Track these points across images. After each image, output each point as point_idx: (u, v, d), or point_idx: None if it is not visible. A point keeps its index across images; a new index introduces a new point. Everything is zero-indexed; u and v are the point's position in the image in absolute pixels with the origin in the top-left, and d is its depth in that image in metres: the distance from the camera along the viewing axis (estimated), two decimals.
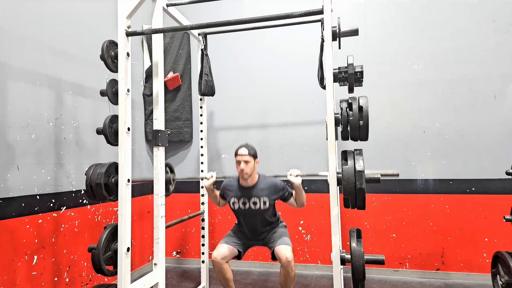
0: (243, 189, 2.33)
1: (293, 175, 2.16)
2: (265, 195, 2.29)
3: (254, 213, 2.31)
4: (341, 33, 1.74)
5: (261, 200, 2.28)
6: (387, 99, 3.13)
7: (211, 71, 2.77)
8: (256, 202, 2.29)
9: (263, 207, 2.28)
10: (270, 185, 2.32)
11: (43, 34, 2.32)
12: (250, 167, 2.25)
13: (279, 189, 2.32)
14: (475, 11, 2.97)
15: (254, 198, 2.29)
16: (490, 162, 2.88)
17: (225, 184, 2.46)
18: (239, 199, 2.32)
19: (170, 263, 3.60)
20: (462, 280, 2.90)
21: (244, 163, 2.23)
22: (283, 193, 2.32)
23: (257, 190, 2.30)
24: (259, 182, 2.33)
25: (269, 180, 2.35)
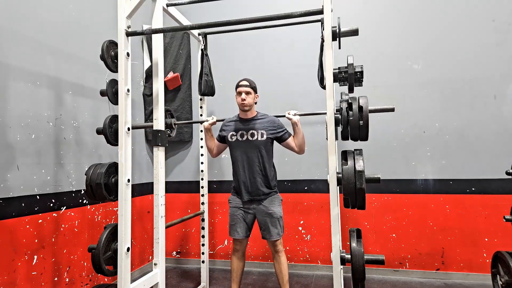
0: (242, 121, 2.39)
1: (291, 113, 2.27)
2: (263, 128, 2.33)
3: (251, 144, 2.31)
4: (341, 33, 1.74)
5: (259, 132, 2.32)
6: (387, 99, 3.12)
7: (211, 71, 2.77)
8: (253, 134, 2.32)
9: (260, 139, 2.31)
10: (269, 120, 2.38)
11: (43, 34, 2.32)
12: (251, 98, 2.33)
13: (277, 125, 2.36)
14: (475, 11, 2.97)
15: (252, 130, 2.33)
16: (490, 162, 2.88)
17: (224, 122, 2.50)
18: (237, 132, 2.37)
19: (170, 263, 3.60)
20: (462, 280, 2.91)
21: (245, 94, 2.31)
22: (281, 130, 2.35)
23: (255, 123, 2.36)
24: (258, 116, 2.40)
25: (268, 116, 2.41)
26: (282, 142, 2.37)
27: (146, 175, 3.50)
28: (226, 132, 2.42)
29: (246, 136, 2.33)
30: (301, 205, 3.29)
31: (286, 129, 2.37)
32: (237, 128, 2.38)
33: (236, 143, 2.36)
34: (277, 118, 2.41)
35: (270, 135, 2.33)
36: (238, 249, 2.41)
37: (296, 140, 2.31)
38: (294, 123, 2.25)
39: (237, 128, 2.38)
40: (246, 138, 2.33)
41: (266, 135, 2.31)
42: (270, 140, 2.34)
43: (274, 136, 2.35)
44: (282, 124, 2.38)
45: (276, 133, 2.34)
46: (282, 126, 2.37)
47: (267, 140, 2.32)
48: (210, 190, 2.97)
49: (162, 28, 2.01)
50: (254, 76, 3.45)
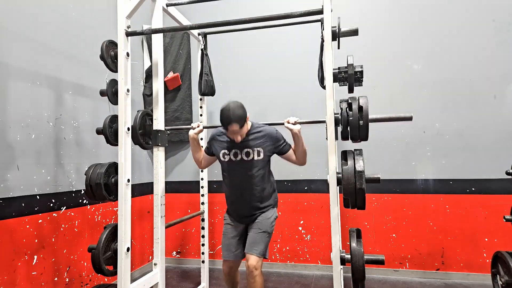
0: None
1: (291, 122, 1.93)
2: (260, 145, 2.00)
3: (246, 166, 2.01)
4: (341, 33, 1.74)
5: (255, 151, 1.99)
6: (387, 99, 3.12)
7: (211, 71, 2.77)
8: (249, 153, 2.00)
9: (257, 158, 1.99)
10: (265, 134, 2.02)
11: (43, 34, 2.32)
12: (243, 132, 1.95)
13: (275, 138, 2.03)
14: (475, 11, 2.97)
15: (247, 149, 2.00)
16: (490, 162, 2.88)
17: (215, 133, 2.13)
18: (230, 150, 2.03)
19: (170, 263, 3.60)
20: (462, 280, 2.90)
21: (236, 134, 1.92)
22: (280, 143, 2.04)
23: (250, 140, 2.01)
24: (253, 131, 2.03)
25: (264, 129, 2.05)
26: (282, 155, 2.08)
27: (146, 175, 3.50)
28: (217, 149, 2.10)
29: (240, 156, 2.01)
30: (301, 205, 3.29)
31: (285, 140, 2.07)
32: (230, 147, 2.04)
33: (230, 164, 2.05)
34: (274, 129, 2.07)
35: (268, 152, 2.03)
36: (227, 272, 2.10)
37: (297, 152, 2.02)
38: (295, 133, 1.94)
39: (229, 146, 2.04)
40: (241, 158, 2.01)
41: (263, 153, 2.00)
42: (268, 157, 2.05)
43: (272, 152, 2.06)
44: (280, 135, 2.06)
45: (275, 147, 2.04)
46: (281, 138, 2.05)
47: (264, 159, 2.02)
48: (210, 190, 2.96)
49: (162, 28, 2.01)
50: (254, 76, 3.48)
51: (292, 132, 1.95)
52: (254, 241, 2.01)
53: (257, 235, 2.02)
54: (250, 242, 2.02)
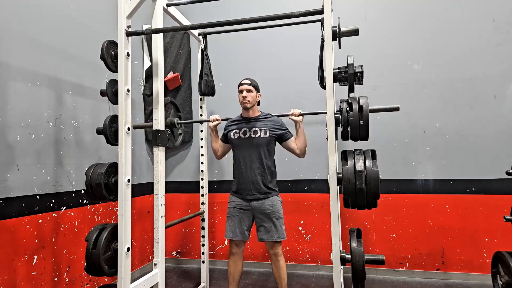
0: (245, 120, 2.41)
1: (295, 114, 2.24)
2: (267, 126, 2.35)
3: (253, 142, 2.32)
4: (341, 33, 1.74)
5: (262, 130, 2.33)
6: (387, 99, 3.12)
7: (211, 71, 2.77)
8: (256, 131, 2.33)
9: (263, 136, 2.31)
10: (272, 119, 2.39)
11: (43, 34, 2.31)
12: (252, 96, 2.34)
13: (280, 124, 2.38)
14: (475, 11, 2.97)
15: (255, 128, 2.34)
16: (490, 162, 2.88)
17: (227, 122, 2.51)
18: (240, 129, 2.38)
19: (170, 263, 3.60)
20: (462, 280, 2.90)
21: (246, 91, 2.32)
22: (283, 130, 2.37)
23: (258, 121, 2.38)
24: (261, 116, 2.42)
25: (271, 116, 2.43)
26: (284, 141, 2.38)
27: (146, 175, 3.50)
28: (229, 131, 2.43)
29: (249, 134, 2.34)
30: (301, 205, 3.29)
31: (289, 130, 2.39)
32: (240, 127, 2.39)
33: (239, 141, 2.36)
34: (280, 118, 2.43)
35: (272, 133, 2.34)
36: (234, 252, 2.36)
37: (298, 141, 2.32)
38: (298, 124, 2.26)
39: (239, 126, 2.39)
40: (249, 136, 2.34)
41: (269, 133, 2.32)
42: (273, 138, 2.35)
43: (277, 134, 2.35)
44: (284, 124, 2.40)
45: (279, 132, 2.35)
46: (285, 126, 2.39)
47: (270, 138, 2.32)
48: (210, 190, 2.97)
49: (162, 28, 2.01)
50: (254, 76, 3.46)
51: (295, 122, 2.27)
52: (271, 229, 2.28)
53: (272, 223, 2.28)
54: (267, 230, 2.28)
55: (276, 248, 2.28)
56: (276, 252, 2.28)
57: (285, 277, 2.30)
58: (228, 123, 2.49)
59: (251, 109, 2.37)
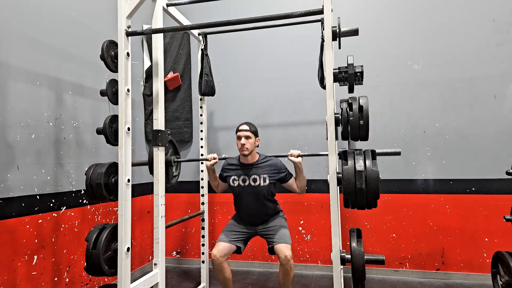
0: (244, 166, 2.36)
1: (294, 155, 2.18)
2: (265, 173, 2.31)
3: (254, 191, 2.31)
4: (341, 33, 1.74)
5: (261, 177, 2.30)
6: (387, 99, 3.13)
7: (211, 71, 2.77)
8: (256, 179, 2.30)
9: (263, 184, 2.30)
10: (270, 164, 2.35)
11: (43, 34, 2.31)
12: (251, 143, 2.28)
13: (279, 168, 2.35)
14: (475, 11, 2.97)
15: (254, 176, 2.31)
16: (490, 162, 2.88)
17: (225, 163, 2.48)
18: (239, 177, 2.34)
19: (170, 263, 3.60)
20: (462, 280, 2.90)
21: (244, 139, 2.26)
22: (283, 173, 2.35)
23: (257, 167, 2.33)
24: (260, 160, 2.36)
25: (269, 159, 2.38)
26: (284, 183, 2.38)
27: (146, 175, 3.49)
28: (227, 176, 2.41)
29: (248, 182, 2.32)
30: (301, 205, 3.29)
31: (288, 170, 2.38)
32: (239, 173, 2.35)
33: (238, 188, 2.35)
34: (279, 160, 2.39)
35: (272, 179, 2.32)
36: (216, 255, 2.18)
37: (298, 182, 2.31)
38: (296, 165, 2.21)
39: (238, 173, 2.36)
40: (248, 184, 2.32)
41: (268, 180, 2.30)
42: (272, 184, 2.34)
43: (276, 179, 2.34)
44: (283, 165, 2.37)
45: (278, 176, 2.34)
46: (284, 168, 2.36)
47: (269, 184, 2.31)
48: (210, 190, 2.96)
49: (162, 28, 2.01)
50: (254, 76, 3.48)
51: (295, 164, 2.21)
52: (281, 235, 2.24)
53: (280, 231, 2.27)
54: (278, 237, 2.24)
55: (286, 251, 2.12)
56: (287, 254, 2.10)
57: (290, 284, 2.18)
58: (226, 165, 2.45)
59: (249, 155, 2.31)
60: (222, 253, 2.21)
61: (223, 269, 2.21)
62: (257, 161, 2.36)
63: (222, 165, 2.49)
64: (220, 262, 2.18)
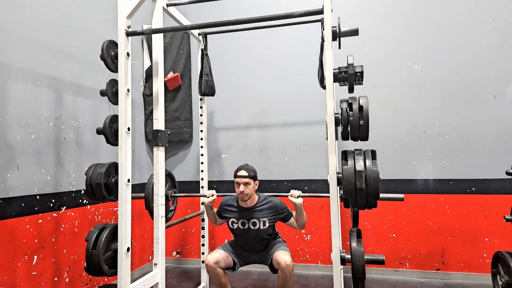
0: (243, 210, 2.31)
1: (294, 196, 2.15)
2: (265, 216, 2.27)
3: (253, 233, 2.29)
4: (341, 33, 1.74)
5: (261, 221, 2.26)
6: (387, 99, 3.13)
7: (211, 71, 2.77)
8: (255, 223, 2.27)
9: (263, 227, 2.27)
10: (270, 206, 2.29)
11: (43, 34, 2.31)
12: (250, 189, 2.21)
13: (279, 210, 2.30)
14: (475, 11, 2.97)
15: (254, 219, 2.27)
16: (490, 162, 2.88)
17: (223, 202, 2.41)
18: (238, 220, 2.30)
19: (170, 263, 3.60)
20: (462, 280, 2.90)
21: (243, 186, 2.19)
22: (283, 214, 2.30)
23: (256, 211, 2.28)
24: (259, 203, 2.30)
25: (269, 200, 2.32)
26: (285, 222, 2.35)
27: (146, 175, 3.49)
28: (226, 217, 2.37)
29: (248, 225, 2.28)
30: None
31: (288, 210, 2.33)
32: (237, 217, 2.31)
33: (238, 231, 2.33)
34: (279, 200, 2.33)
35: (272, 221, 2.29)
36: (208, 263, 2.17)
37: (298, 220, 2.27)
38: (297, 206, 2.18)
39: (236, 216, 2.31)
40: (248, 227, 2.28)
41: (268, 223, 2.26)
42: (272, 225, 2.31)
43: (276, 220, 2.32)
44: (283, 206, 2.32)
45: (278, 218, 2.31)
46: (284, 209, 2.31)
47: (269, 227, 2.28)
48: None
49: (162, 28, 2.01)
50: (254, 76, 3.48)
51: (295, 204, 2.18)
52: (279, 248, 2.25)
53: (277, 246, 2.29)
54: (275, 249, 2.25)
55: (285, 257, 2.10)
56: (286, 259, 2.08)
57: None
58: (224, 205, 2.39)
59: (248, 200, 2.26)
60: (215, 259, 2.18)
61: (217, 275, 2.18)
62: (256, 204, 2.29)
63: (220, 203, 2.43)
64: (213, 268, 2.17)
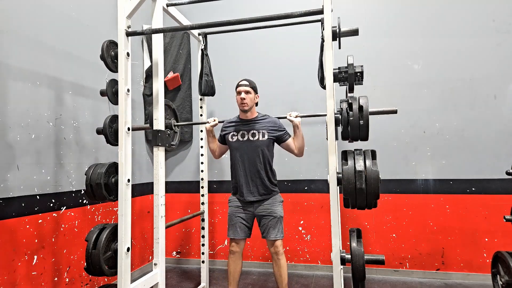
0: (243, 122, 2.38)
1: (293, 115, 2.24)
2: (265, 128, 2.33)
3: (252, 145, 2.31)
4: (341, 33, 1.74)
5: (260, 132, 2.32)
6: (387, 99, 3.12)
7: (211, 71, 2.77)
8: (255, 134, 2.32)
9: (262, 139, 2.31)
10: (270, 121, 2.37)
11: (43, 34, 2.31)
12: (250, 98, 2.32)
13: (278, 125, 2.36)
14: (475, 11, 2.97)
15: (253, 130, 2.33)
16: (490, 162, 2.88)
17: (224, 123, 2.48)
18: (238, 132, 2.36)
19: (170, 263, 3.60)
20: (462, 280, 2.90)
21: (244, 93, 2.30)
22: (282, 131, 2.36)
23: (256, 123, 2.36)
24: (259, 117, 2.39)
25: (268, 116, 2.41)
26: (282, 143, 2.37)
27: (146, 175, 3.50)
28: (227, 133, 2.41)
29: (247, 136, 2.33)
30: (301, 205, 3.29)
31: (287, 130, 2.38)
32: (238, 129, 2.37)
33: (237, 144, 2.35)
34: (278, 119, 2.41)
35: (271, 135, 2.33)
36: (234, 251, 2.35)
37: (296, 142, 2.31)
38: (295, 125, 2.25)
39: (237, 128, 2.37)
40: (247, 138, 2.32)
41: (267, 135, 2.31)
42: (271, 140, 2.34)
43: (275, 136, 2.34)
44: (282, 125, 2.38)
45: (277, 133, 2.34)
46: (283, 127, 2.37)
47: (268, 140, 2.32)
48: (210, 190, 2.97)
49: (162, 28, 2.01)
50: (254, 76, 3.45)
51: (293, 124, 2.25)
52: (271, 227, 2.28)
53: (271, 222, 2.29)
54: (268, 228, 2.29)
55: (276, 247, 2.26)
56: (277, 250, 2.26)
57: (285, 276, 2.28)
58: (225, 124, 2.47)
59: (249, 111, 2.34)
60: (241, 247, 2.37)
61: (239, 261, 2.37)
62: (257, 117, 2.38)
63: (222, 126, 2.48)
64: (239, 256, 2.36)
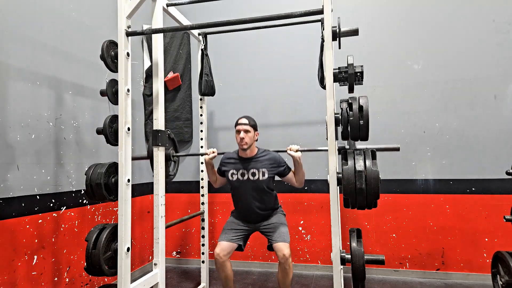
0: (242, 160, 2.34)
1: (293, 149, 2.16)
2: (264, 166, 2.30)
3: (252, 184, 2.29)
4: (341, 33, 1.74)
5: (260, 171, 2.29)
6: (387, 99, 3.13)
7: (211, 71, 2.77)
8: (255, 173, 2.29)
9: (262, 178, 2.28)
10: (269, 158, 2.34)
11: (43, 34, 2.31)
12: (250, 137, 2.26)
13: (278, 162, 2.33)
14: (475, 11, 2.97)
15: (253, 170, 2.30)
16: (490, 162, 2.88)
17: (223, 157, 2.45)
18: (238, 171, 2.33)
19: (170, 263, 3.60)
20: (462, 280, 2.90)
21: (243, 133, 2.24)
22: (282, 167, 2.33)
23: (256, 161, 2.32)
24: (259, 154, 2.35)
25: (268, 153, 2.37)
26: (283, 177, 2.37)
27: (146, 175, 3.50)
28: (226, 170, 2.39)
29: (247, 176, 2.30)
30: (301, 205, 3.29)
31: (287, 164, 2.37)
32: (237, 167, 2.34)
33: (237, 183, 2.34)
34: (278, 154, 2.38)
35: (271, 173, 2.31)
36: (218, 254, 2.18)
37: (297, 176, 2.30)
38: (296, 160, 2.19)
39: (237, 167, 2.34)
40: (247, 178, 2.30)
41: (267, 174, 2.29)
42: (271, 178, 2.33)
43: (275, 173, 2.34)
44: (282, 160, 2.36)
45: (277, 170, 2.33)
46: (283, 162, 2.35)
47: (268, 178, 2.30)
48: (210, 190, 2.97)
49: (162, 28, 2.01)
50: (254, 76, 3.48)
51: (294, 159, 2.18)
52: (280, 233, 2.24)
53: (280, 229, 2.27)
54: (277, 235, 2.23)
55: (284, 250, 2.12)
56: (285, 253, 2.10)
57: (289, 284, 2.16)
58: (224, 159, 2.43)
59: (248, 149, 2.29)
60: (225, 251, 2.22)
61: (226, 268, 2.22)
62: (256, 155, 2.34)
63: (221, 159, 2.45)
64: (223, 261, 2.19)
